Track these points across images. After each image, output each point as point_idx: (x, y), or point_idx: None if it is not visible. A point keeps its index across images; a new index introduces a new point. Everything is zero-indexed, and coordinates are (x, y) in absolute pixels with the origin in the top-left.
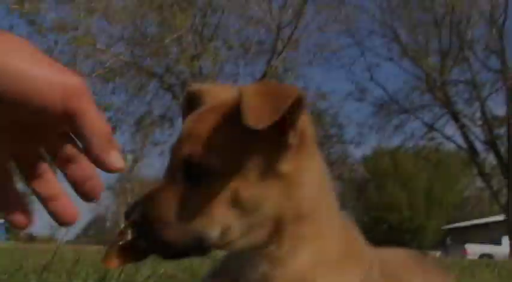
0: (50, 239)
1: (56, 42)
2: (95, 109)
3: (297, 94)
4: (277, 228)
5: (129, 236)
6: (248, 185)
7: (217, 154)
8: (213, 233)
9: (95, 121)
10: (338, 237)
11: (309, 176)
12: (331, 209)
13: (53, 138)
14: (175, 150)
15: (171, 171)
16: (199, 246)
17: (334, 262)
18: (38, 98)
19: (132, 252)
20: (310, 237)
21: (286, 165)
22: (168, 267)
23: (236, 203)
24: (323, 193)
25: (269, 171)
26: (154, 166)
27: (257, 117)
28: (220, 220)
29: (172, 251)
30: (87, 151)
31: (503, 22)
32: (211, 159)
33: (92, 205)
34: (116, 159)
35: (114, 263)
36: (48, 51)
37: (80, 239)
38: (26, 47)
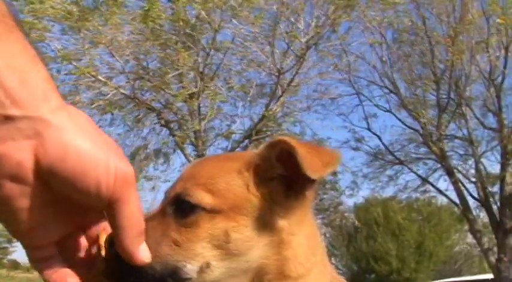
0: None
1: (58, 71)
2: (137, 201)
3: (339, 156)
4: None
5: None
6: (239, 228)
7: (211, 193)
8: (192, 268)
9: (134, 213)
10: None
11: (301, 240)
12: (319, 277)
13: (90, 216)
14: (170, 188)
15: (162, 206)
16: (176, 279)
17: None
18: (93, 178)
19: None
20: None
21: (282, 222)
22: None
23: (222, 243)
24: (313, 259)
25: (264, 221)
26: (146, 200)
27: (314, 168)
28: (201, 256)
29: (148, 279)
30: (118, 239)
31: (502, 82)
32: (204, 197)
33: None
34: (143, 254)
35: None
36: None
37: None
38: (89, 123)
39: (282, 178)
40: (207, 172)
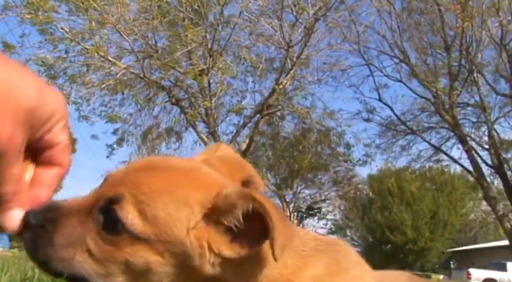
0: None
1: (66, 52)
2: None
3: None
4: None
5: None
6: (161, 265)
7: (144, 216)
8: (99, 279)
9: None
10: None
11: None
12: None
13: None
14: (111, 179)
15: (95, 200)
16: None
17: None
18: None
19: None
20: None
21: (211, 271)
22: None
23: (138, 272)
24: None
25: (191, 266)
26: None
27: (283, 249)
28: (112, 277)
29: (51, 271)
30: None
31: None
32: (134, 220)
33: None
34: (11, 221)
35: None
36: (60, 60)
37: None
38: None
39: (231, 229)
40: (153, 188)
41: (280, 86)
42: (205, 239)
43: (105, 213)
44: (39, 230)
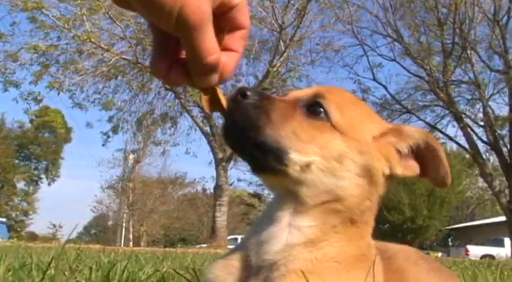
0: (52, 238)
1: (59, 39)
2: (212, 33)
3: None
4: (348, 210)
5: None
6: (351, 154)
7: (343, 114)
8: (296, 158)
9: (211, 40)
10: (363, 242)
11: (375, 204)
12: (372, 216)
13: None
14: (302, 91)
15: (294, 98)
16: (276, 157)
17: (347, 264)
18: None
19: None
20: (350, 236)
21: (381, 179)
22: (171, 266)
23: (331, 157)
24: (370, 224)
25: (370, 168)
26: (157, 165)
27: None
28: (308, 155)
29: (248, 145)
30: (192, 62)
31: (507, 22)
32: (335, 110)
33: (93, 204)
34: (212, 79)
35: (206, 105)
36: (52, 48)
37: (81, 238)
38: None
39: (400, 154)
40: (346, 99)
41: (274, 69)
42: (383, 150)
43: (308, 105)
44: (258, 104)
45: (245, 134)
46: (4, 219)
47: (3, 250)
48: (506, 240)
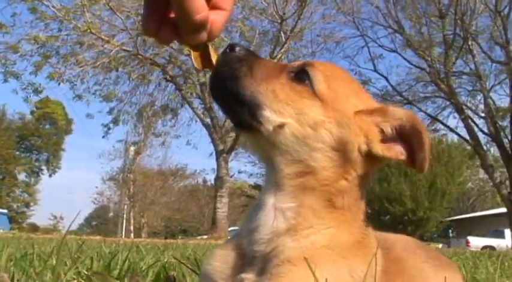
0: (53, 230)
1: (59, 30)
2: None
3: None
4: (322, 186)
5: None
6: (327, 125)
7: (328, 85)
8: (270, 116)
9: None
10: (355, 229)
11: (356, 184)
12: (362, 201)
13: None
14: (296, 62)
15: (285, 65)
16: (250, 111)
17: (341, 251)
18: None
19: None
20: (338, 222)
21: (357, 156)
22: (172, 256)
23: (306, 123)
24: (354, 205)
25: (347, 144)
26: (158, 156)
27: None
28: (282, 115)
29: (226, 96)
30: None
31: (508, 13)
32: (321, 81)
33: (94, 196)
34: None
35: (197, 62)
36: (53, 39)
37: (82, 229)
38: None
39: (383, 135)
40: (336, 73)
41: (275, 60)
42: (364, 127)
43: (295, 71)
44: (243, 57)
45: (225, 84)
46: (5, 211)
47: (5, 241)
48: (507, 232)
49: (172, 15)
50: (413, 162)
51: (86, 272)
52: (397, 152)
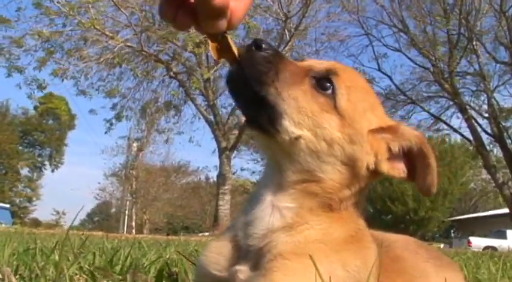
0: (55, 225)
1: (64, 26)
2: None
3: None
4: (325, 194)
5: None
6: (341, 140)
7: (349, 98)
8: (289, 126)
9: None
10: (349, 224)
11: (359, 197)
12: (360, 203)
13: None
14: (313, 61)
15: (307, 66)
16: (270, 117)
17: (334, 245)
18: None
19: (227, 55)
20: (333, 219)
21: (364, 172)
22: (175, 251)
23: (324, 135)
24: (355, 220)
25: (357, 160)
26: (160, 153)
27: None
28: (301, 127)
29: (248, 96)
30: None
31: None
32: (343, 93)
33: (97, 192)
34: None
35: (214, 52)
36: (57, 35)
37: (84, 225)
38: None
39: (390, 153)
40: (359, 84)
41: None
42: (375, 145)
43: (319, 77)
44: (271, 58)
45: (249, 84)
46: (8, 205)
47: (7, 235)
48: (509, 232)
49: (191, 0)
50: (413, 179)
51: (88, 268)
52: (400, 171)
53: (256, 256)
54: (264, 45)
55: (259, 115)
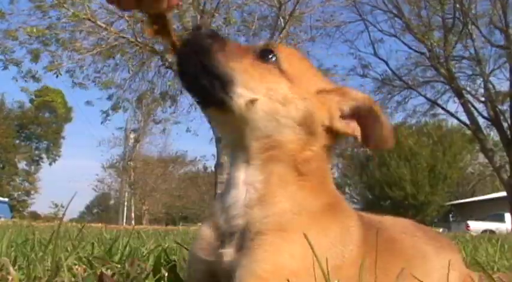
0: (54, 218)
1: (58, 19)
2: None
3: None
4: (288, 157)
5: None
6: (294, 97)
7: (289, 64)
8: (241, 91)
9: None
10: (322, 193)
11: (320, 157)
12: (328, 170)
13: None
14: (260, 43)
15: (250, 46)
16: (222, 85)
17: (309, 214)
18: None
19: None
20: (303, 187)
21: (320, 129)
22: (172, 241)
23: (274, 96)
24: (321, 180)
25: (312, 119)
26: (158, 144)
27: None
28: (253, 91)
29: (201, 71)
30: None
31: None
32: (285, 58)
33: (95, 184)
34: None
35: (149, 30)
36: (51, 27)
37: (83, 217)
38: None
39: (341, 113)
40: (297, 55)
41: None
42: (325, 103)
43: (260, 50)
44: (213, 34)
45: (196, 57)
46: (6, 199)
47: (6, 228)
48: (507, 215)
49: None
50: (367, 141)
51: (86, 257)
52: (354, 129)
53: (240, 238)
54: (203, 28)
55: (211, 87)
